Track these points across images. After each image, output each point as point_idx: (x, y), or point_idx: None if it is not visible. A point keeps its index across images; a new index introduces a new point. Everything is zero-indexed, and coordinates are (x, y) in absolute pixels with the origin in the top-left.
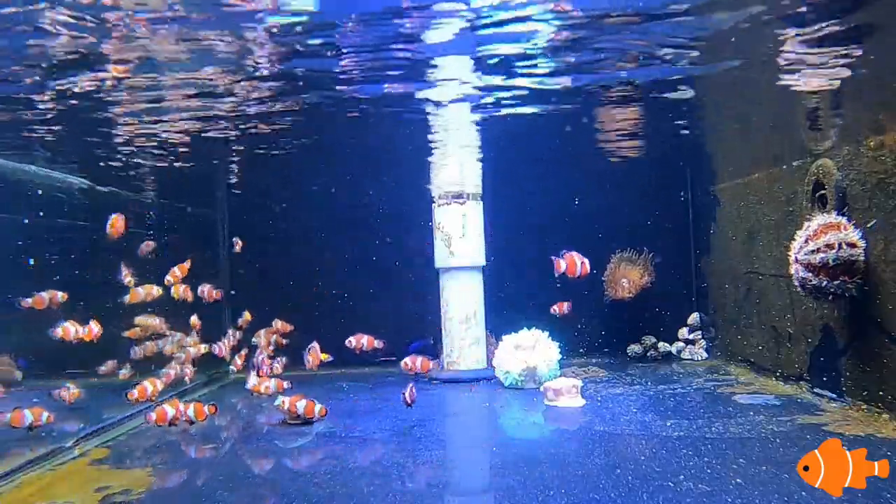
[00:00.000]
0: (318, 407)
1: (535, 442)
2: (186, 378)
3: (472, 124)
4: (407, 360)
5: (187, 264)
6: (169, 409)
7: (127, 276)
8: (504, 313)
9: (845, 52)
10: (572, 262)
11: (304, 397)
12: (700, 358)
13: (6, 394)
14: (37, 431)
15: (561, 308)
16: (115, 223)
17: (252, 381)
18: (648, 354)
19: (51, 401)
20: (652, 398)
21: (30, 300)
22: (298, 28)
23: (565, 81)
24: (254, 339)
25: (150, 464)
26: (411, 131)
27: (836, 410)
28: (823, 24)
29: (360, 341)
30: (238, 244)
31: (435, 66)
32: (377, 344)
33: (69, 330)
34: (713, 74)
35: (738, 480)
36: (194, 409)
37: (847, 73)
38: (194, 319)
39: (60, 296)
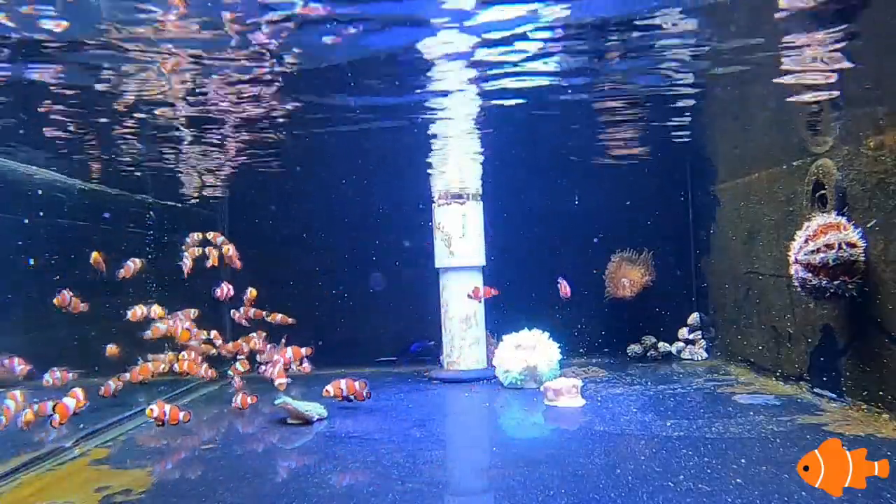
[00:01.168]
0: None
1: (535, 442)
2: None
3: (472, 124)
4: (329, 387)
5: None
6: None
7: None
8: (504, 313)
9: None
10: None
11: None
12: (700, 358)
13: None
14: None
15: (476, 294)
16: None
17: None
18: (648, 354)
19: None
20: (652, 398)
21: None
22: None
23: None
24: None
25: (150, 464)
26: (411, 132)
27: (836, 410)
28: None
29: (285, 354)
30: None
31: (436, 70)
32: (304, 352)
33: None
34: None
35: (738, 480)
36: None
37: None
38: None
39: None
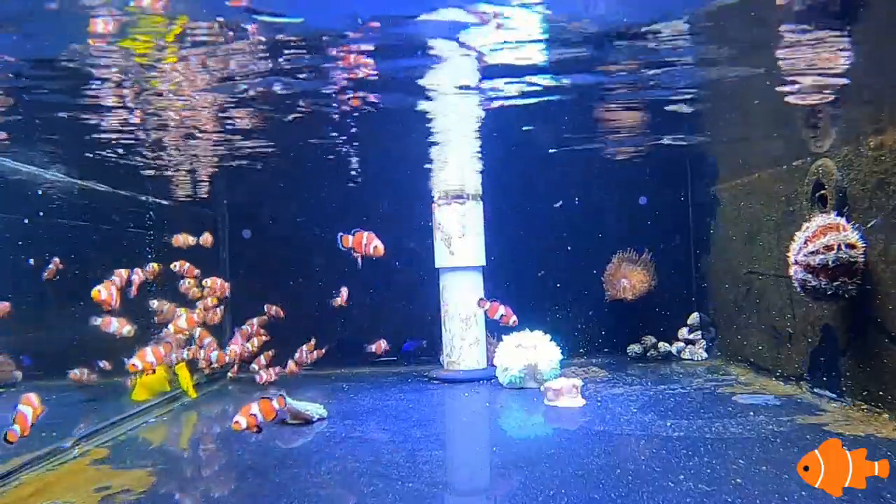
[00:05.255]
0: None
1: (535, 442)
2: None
3: (472, 124)
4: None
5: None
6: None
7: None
8: None
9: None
10: (359, 240)
11: None
12: (700, 358)
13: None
14: None
15: (379, 348)
16: None
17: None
18: (648, 354)
19: None
20: (652, 398)
21: None
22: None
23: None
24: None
25: (150, 464)
26: (411, 132)
27: (836, 410)
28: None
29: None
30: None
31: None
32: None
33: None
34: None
35: (738, 480)
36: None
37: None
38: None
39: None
